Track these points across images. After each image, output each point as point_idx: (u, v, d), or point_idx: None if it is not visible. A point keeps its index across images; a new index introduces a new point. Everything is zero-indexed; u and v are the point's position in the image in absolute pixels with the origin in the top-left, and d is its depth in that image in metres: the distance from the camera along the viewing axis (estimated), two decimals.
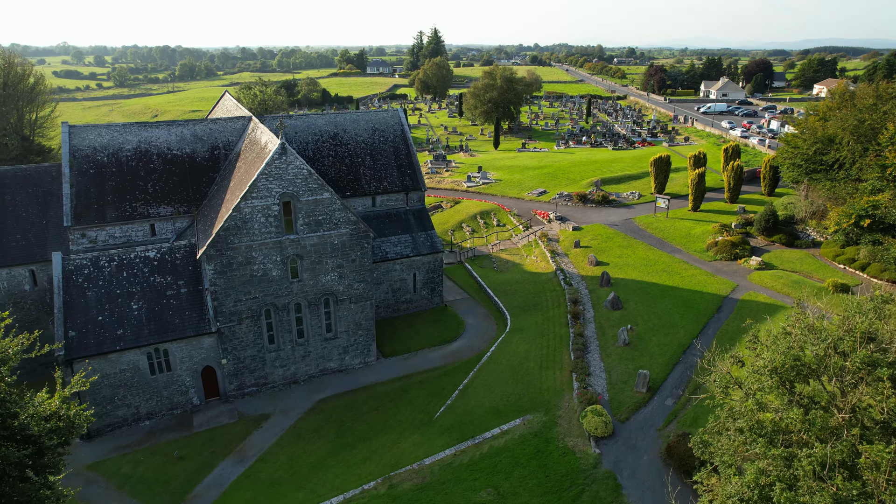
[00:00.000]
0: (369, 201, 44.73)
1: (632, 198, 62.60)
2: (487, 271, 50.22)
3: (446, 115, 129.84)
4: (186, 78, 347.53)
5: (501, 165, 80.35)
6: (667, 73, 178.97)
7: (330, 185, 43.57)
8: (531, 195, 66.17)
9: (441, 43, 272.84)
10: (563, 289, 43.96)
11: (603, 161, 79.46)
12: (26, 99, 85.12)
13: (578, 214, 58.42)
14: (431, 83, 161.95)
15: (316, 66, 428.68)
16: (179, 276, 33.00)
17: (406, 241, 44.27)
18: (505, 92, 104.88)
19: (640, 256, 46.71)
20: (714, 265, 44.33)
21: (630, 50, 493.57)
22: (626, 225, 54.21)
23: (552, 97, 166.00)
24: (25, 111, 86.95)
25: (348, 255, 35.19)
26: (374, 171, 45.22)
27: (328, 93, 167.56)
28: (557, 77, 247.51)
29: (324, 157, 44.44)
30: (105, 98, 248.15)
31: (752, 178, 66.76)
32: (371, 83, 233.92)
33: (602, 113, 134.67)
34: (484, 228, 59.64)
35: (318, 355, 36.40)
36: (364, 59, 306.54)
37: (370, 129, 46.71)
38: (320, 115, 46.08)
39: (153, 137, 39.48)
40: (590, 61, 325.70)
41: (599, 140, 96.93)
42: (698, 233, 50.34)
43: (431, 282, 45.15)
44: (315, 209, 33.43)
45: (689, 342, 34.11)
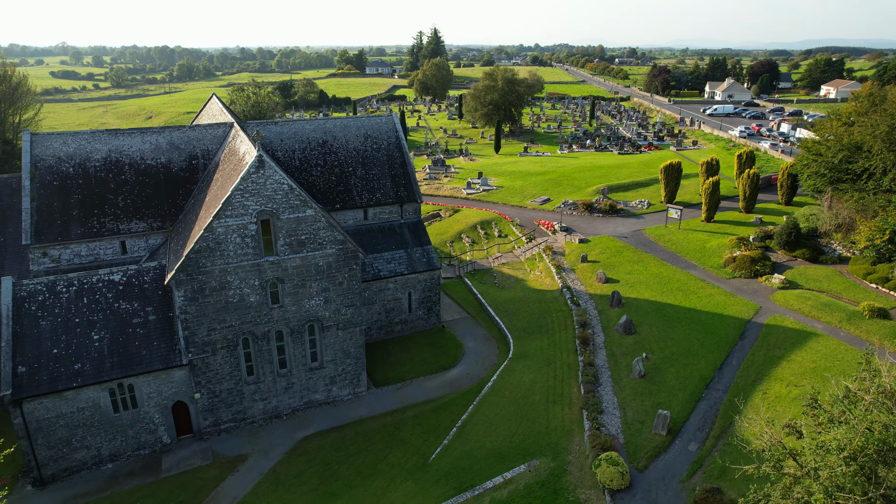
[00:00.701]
0: (361, 214, 41.55)
1: (641, 207, 59.33)
2: (488, 287, 46.97)
3: (446, 118, 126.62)
4: (185, 78, 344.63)
5: (503, 171, 77.11)
6: (671, 73, 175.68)
7: (318, 197, 40.45)
8: (534, 203, 62.92)
9: (441, 43, 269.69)
10: (570, 309, 40.70)
11: (608, 166, 76.18)
12: (8, 101, 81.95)
13: (585, 225, 55.16)
14: (431, 84, 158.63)
15: (315, 66, 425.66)
16: (148, 302, 29.76)
17: (400, 257, 41.05)
18: (506, 94, 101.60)
19: (653, 273, 43.44)
20: (733, 283, 41.05)
21: (631, 50, 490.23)
22: (636, 237, 50.94)
23: (554, 98, 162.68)
24: (8, 114, 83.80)
25: (335, 278, 31.93)
26: (366, 182, 42.03)
27: (325, 94, 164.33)
28: (559, 77, 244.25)
29: (312, 167, 41.26)
30: (101, 99, 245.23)
31: (766, 186, 63.48)
32: (370, 84, 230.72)
33: (605, 115, 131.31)
34: (484, 240, 56.39)
35: (303, 387, 33.16)
36: (363, 59, 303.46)
37: (362, 136, 43.52)
38: (308, 121, 42.87)
39: (125, 146, 36.28)
40: (591, 61, 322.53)
41: (604, 144, 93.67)
42: (713, 246, 47.06)
43: (428, 301, 41.91)
44: (297, 228, 30.19)
45: (711, 375, 30.82)
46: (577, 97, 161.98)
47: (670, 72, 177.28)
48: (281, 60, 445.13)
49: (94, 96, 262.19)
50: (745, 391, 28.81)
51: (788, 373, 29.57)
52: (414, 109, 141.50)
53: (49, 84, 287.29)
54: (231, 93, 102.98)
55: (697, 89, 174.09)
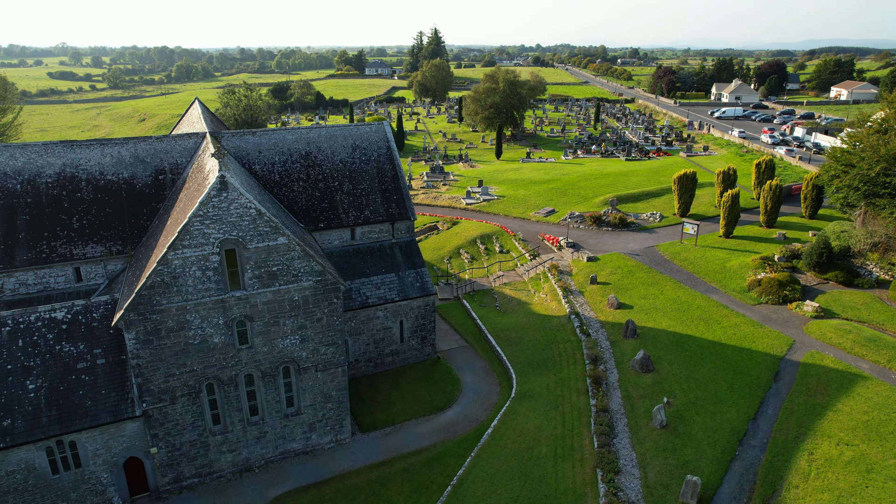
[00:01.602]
0: (347, 234, 37.62)
1: (653, 220, 55.31)
2: (489, 311, 43.00)
3: (445, 121, 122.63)
4: (183, 79, 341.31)
5: (504, 179, 73.12)
6: (676, 74, 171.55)
7: (300, 216, 36.52)
8: (538, 215, 58.93)
9: (441, 43, 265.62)
10: (579, 339, 36.72)
11: (616, 174, 72.16)
12: None
13: (593, 240, 51.15)
14: (430, 86, 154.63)
15: (315, 67, 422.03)
16: (96, 343, 25.84)
17: (391, 281, 37.09)
18: (508, 96, 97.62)
19: (670, 297, 39.43)
20: (760, 311, 37.01)
21: (633, 50, 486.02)
22: (650, 255, 46.94)
23: (557, 100, 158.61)
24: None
25: (312, 314, 27.97)
26: (353, 198, 38.10)
27: (322, 96, 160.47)
28: (561, 79, 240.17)
29: (293, 182, 37.35)
30: (96, 100, 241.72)
31: (786, 196, 59.40)
32: (369, 85, 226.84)
33: (610, 118, 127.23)
34: (485, 256, 52.42)
35: (278, 435, 29.21)
36: (363, 60, 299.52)
37: (350, 147, 39.60)
38: (290, 130, 38.93)
39: (82, 160, 32.38)
40: (593, 62, 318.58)
41: (610, 149, 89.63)
42: (735, 266, 43.04)
43: (422, 330, 37.96)
44: (268, 258, 26.24)
45: (744, 426, 26.83)
46: (581, 99, 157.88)
47: (675, 73, 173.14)
48: (280, 61, 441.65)
49: (90, 97, 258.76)
50: (786, 450, 24.81)
51: (837, 427, 25.56)
52: (413, 112, 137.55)
53: (45, 85, 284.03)
54: (221, 95, 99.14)
55: (703, 91, 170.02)
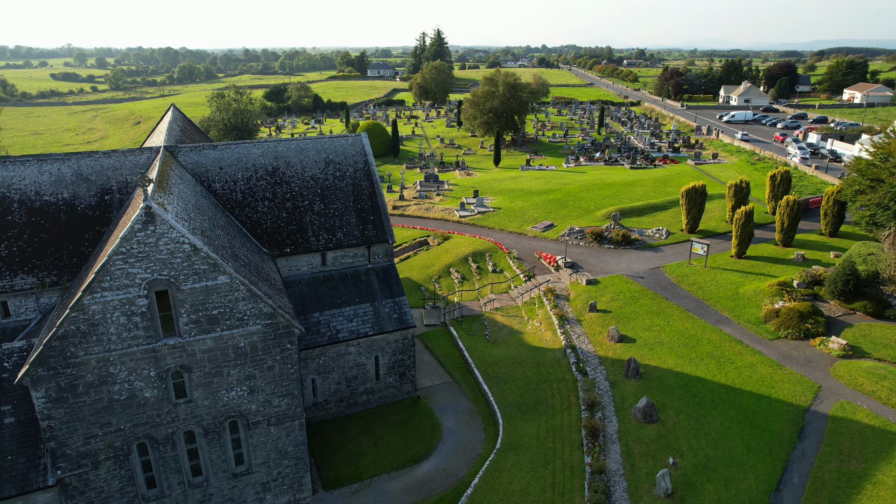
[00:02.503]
0: (318, 259, 33.89)
1: (658, 236, 51.29)
2: (478, 341, 39.16)
3: (444, 125, 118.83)
4: (185, 80, 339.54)
5: (501, 188, 69.24)
6: (683, 76, 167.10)
7: (264, 239, 32.79)
8: (535, 230, 55.02)
9: (444, 44, 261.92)
10: (574, 378, 32.82)
11: (620, 184, 68.13)
12: None
13: (593, 259, 47.20)
14: (430, 88, 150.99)
15: (319, 68, 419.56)
16: (5, 399, 22.19)
17: (365, 313, 33.29)
18: (508, 100, 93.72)
19: (677, 329, 35.46)
20: (778, 347, 32.98)
21: (640, 51, 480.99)
22: (655, 277, 42.96)
23: (560, 103, 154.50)
24: None
25: (262, 362, 24.21)
26: (325, 219, 34.38)
27: (320, 98, 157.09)
28: (566, 80, 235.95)
29: (257, 201, 33.66)
30: (95, 102, 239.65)
31: (803, 210, 55.20)
32: (370, 87, 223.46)
33: (615, 122, 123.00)
34: (476, 275, 48.56)
35: (226, 497, 25.47)
36: (365, 61, 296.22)
37: (322, 162, 35.89)
38: (257, 143, 35.23)
39: (15, 178, 28.79)
40: (599, 63, 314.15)
41: (614, 156, 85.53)
42: (749, 293, 39.01)
43: (400, 366, 34.16)
44: (206, 300, 22.48)
45: (765, 501, 22.83)
46: (585, 102, 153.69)
47: (683, 75, 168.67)
48: (284, 62, 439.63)
49: (91, 99, 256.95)
50: None
51: None
52: (411, 116, 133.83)
53: (46, 87, 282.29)
54: (210, 99, 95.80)
55: (711, 93, 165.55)
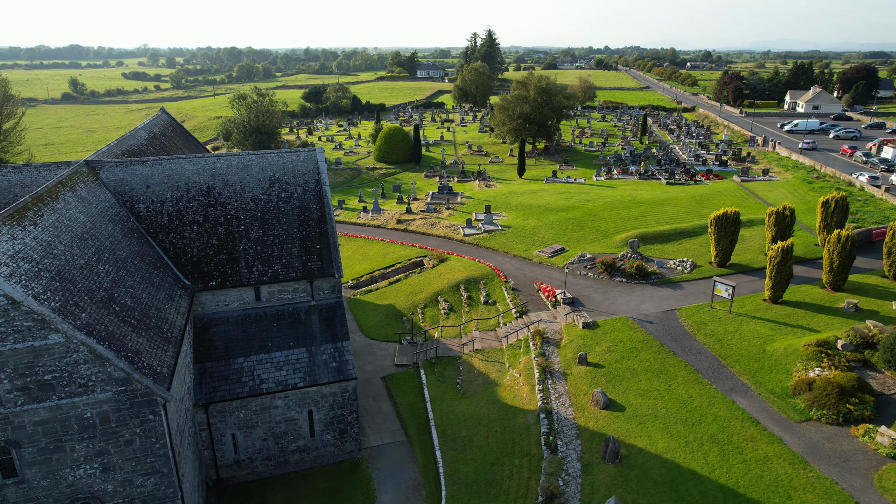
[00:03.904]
0: (250, 294, 29.38)
1: (681, 270, 44.15)
2: (446, 391, 33.69)
3: (477, 130, 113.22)
4: (244, 79, 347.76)
5: (517, 203, 63.21)
6: (744, 80, 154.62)
7: (187, 270, 28.43)
8: (542, 254, 48.86)
9: (495, 45, 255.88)
10: (541, 454, 26.91)
11: (650, 202, 60.76)
12: None
13: (599, 295, 40.74)
14: (470, 91, 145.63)
15: (375, 68, 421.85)
16: None
17: (298, 360, 28.46)
18: (539, 106, 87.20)
19: (678, 397, 28.85)
20: (807, 434, 25.92)
21: (706, 53, 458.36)
22: (666, 323, 36.18)
23: (608, 108, 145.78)
24: None
25: (117, 435, 19.71)
26: (262, 247, 29.85)
27: (358, 99, 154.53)
28: (620, 83, 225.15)
29: (185, 225, 29.47)
30: (155, 100, 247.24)
31: (864, 242, 46.73)
32: (416, 88, 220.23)
33: (662, 130, 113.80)
34: (466, 306, 43.00)
35: None
36: (415, 61, 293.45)
37: (267, 180, 31.42)
38: (192, 158, 31.05)
39: None
40: (659, 65, 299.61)
41: (651, 169, 77.56)
42: (779, 352, 31.78)
43: (340, 422, 29.16)
44: (35, 364, 18.15)
45: None
46: (635, 106, 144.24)
47: (744, 79, 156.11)
48: (341, 62, 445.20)
49: (152, 97, 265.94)
50: None
51: None
52: (446, 119, 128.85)
53: (114, 86, 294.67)
54: (231, 101, 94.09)
55: (776, 99, 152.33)
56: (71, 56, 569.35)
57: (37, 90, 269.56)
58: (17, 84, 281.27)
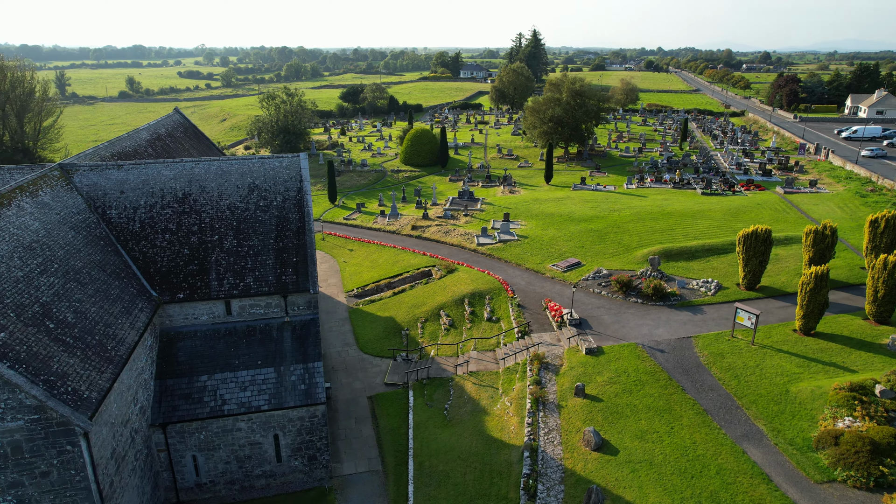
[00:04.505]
0: (220, 307, 27.84)
1: (704, 291, 40.37)
2: (432, 417, 31.37)
3: (510, 133, 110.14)
4: (292, 78, 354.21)
5: (539, 211, 60.18)
6: (801, 83, 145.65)
7: (156, 281, 27.03)
8: (556, 269, 45.85)
9: (541, 45, 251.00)
10: (518, 499, 24.23)
11: (680, 214, 56.67)
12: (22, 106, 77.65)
13: (609, 317, 37.54)
14: (508, 92, 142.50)
15: (421, 68, 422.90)
16: None
17: (265, 380, 26.69)
18: (572, 109, 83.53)
19: (680, 442, 25.62)
20: (828, 499, 22.31)
21: (764, 54, 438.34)
22: (679, 352, 32.76)
23: (651, 111, 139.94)
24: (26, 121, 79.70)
25: (32, 466, 18.26)
26: (235, 258, 28.26)
27: (395, 100, 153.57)
28: (669, 86, 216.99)
29: (157, 233, 28.19)
30: (204, 98, 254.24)
31: None
32: (457, 89, 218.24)
33: (705, 135, 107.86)
34: (468, 323, 40.53)
35: None
36: (459, 62, 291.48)
37: (246, 187, 29.85)
38: (170, 163, 29.75)
39: None
40: (713, 68, 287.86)
41: (687, 177, 72.87)
42: (804, 393, 28.04)
43: (309, 448, 27.25)
44: None
45: None
46: (680, 110, 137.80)
47: (801, 81, 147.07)
48: (389, 62, 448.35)
49: (202, 95, 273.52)
50: None
51: None
52: (480, 122, 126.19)
53: (167, 84, 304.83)
54: (261, 101, 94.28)
55: (836, 103, 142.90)
56: (134, 56, 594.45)
57: (98, 89, 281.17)
58: (82, 83, 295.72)
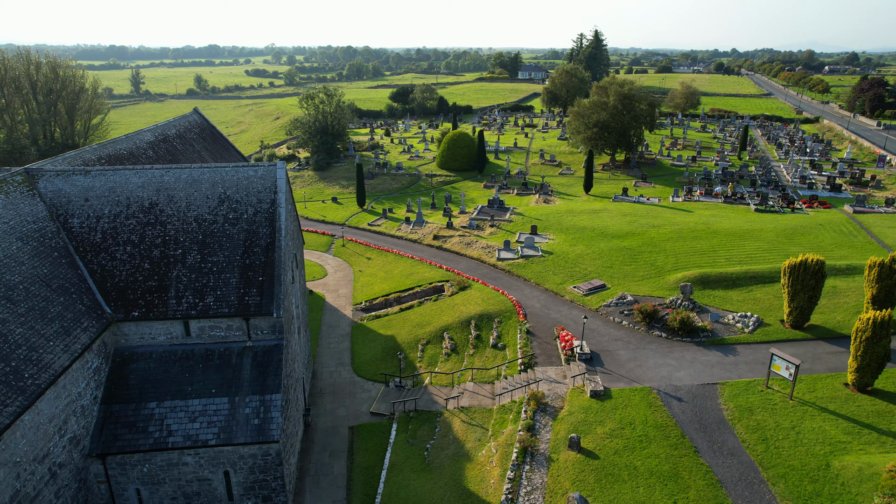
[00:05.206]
0: (179, 328, 25.80)
1: (741, 327, 35.28)
2: (409, 458, 28.27)
3: (557, 137, 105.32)
4: (353, 78, 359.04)
5: (570, 224, 55.86)
6: (889, 87, 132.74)
7: (112, 296, 25.30)
8: (577, 291, 41.72)
9: (602, 46, 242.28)
10: None
11: (726, 234, 51.00)
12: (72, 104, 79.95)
13: (626, 353, 33.24)
14: (560, 94, 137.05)
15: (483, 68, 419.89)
16: None
17: (217, 411, 24.36)
18: (619, 114, 78.17)
19: None
20: None
21: (851, 55, 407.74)
22: (700, 402, 28.22)
23: (713, 116, 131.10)
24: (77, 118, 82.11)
25: None
26: (197, 275, 26.14)
27: (445, 101, 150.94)
28: (737, 89, 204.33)
29: (119, 245, 26.46)
30: (264, 97, 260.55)
31: None
32: (512, 90, 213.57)
33: (770, 144, 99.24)
34: (471, 348, 37.15)
35: None
36: (518, 62, 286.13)
37: (216, 198, 27.71)
38: (140, 170, 27.97)
39: None
40: (790, 70, 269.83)
41: (741, 191, 66.24)
42: (850, 471, 23.10)
43: (263, 487, 24.75)
44: None
45: None
46: (745, 116, 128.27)
47: (888, 85, 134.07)
48: (450, 62, 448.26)
49: (264, 94, 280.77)
50: None
51: None
52: (528, 124, 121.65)
53: (233, 82, 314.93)
54: (300, 101, 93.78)
55: None
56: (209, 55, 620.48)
57: (169, 86, 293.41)
58: (157, 81, 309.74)
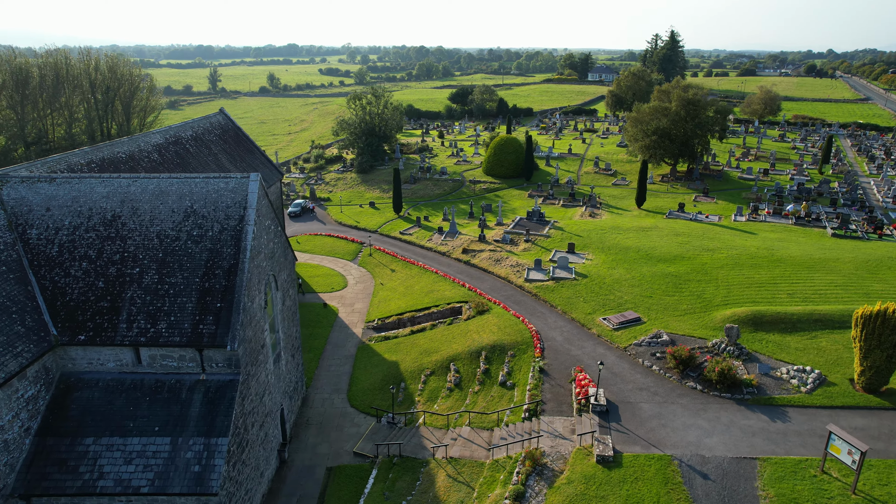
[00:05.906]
0: (129, 355, 23.57)
1: (797, 384, 29.35)
2: None
3: (616, 144, 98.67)
4: (422, 77, 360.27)
5: (613, 243, 50.55)
6: None
7: (60, 316, 23.32)
8: (607, 324, 36.79)
9: (678, 48, 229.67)
10: None
11: (793, 263, 44.22)
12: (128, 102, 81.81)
13: (650, 408, 28.26)
14: (626, 98, 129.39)
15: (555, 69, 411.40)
16: None
17: (157, 452, 21.84)
18: (681, 120, 71.31)
19: None
20: None
21: None
22: (731, 484, 23.01)
23: (796, 124, 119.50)
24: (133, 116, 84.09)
25: None
26: (152, 297, 23.78)
27: (504, 102, 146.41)
28: (828, 94, 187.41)
29: (74, 261, 24.54)
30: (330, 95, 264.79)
31: None
32: (578, 92, 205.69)
33: (861, 157, 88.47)
34: (476, 385, 33.19)
35: None
36: (588, 63, 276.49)
37: (182, 212, 25.27)
38: (105, 179, 25.91)
39: None
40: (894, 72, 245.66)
41: (816, 211, 58.08)
42: None
43: None
44: None
45: None
46: (833, 123, 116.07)
47: None
48: (522, 63, 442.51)
49: (332, 92, 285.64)
50: None
51: None
52: (588, 129, 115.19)
53: (304, 80, 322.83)
54: (348, 101, 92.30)
55: None
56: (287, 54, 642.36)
57: (244, 84, 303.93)
58: (235, 79, 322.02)
